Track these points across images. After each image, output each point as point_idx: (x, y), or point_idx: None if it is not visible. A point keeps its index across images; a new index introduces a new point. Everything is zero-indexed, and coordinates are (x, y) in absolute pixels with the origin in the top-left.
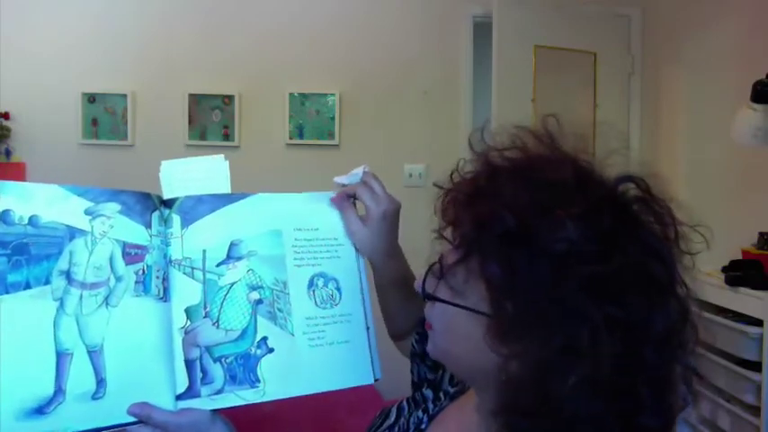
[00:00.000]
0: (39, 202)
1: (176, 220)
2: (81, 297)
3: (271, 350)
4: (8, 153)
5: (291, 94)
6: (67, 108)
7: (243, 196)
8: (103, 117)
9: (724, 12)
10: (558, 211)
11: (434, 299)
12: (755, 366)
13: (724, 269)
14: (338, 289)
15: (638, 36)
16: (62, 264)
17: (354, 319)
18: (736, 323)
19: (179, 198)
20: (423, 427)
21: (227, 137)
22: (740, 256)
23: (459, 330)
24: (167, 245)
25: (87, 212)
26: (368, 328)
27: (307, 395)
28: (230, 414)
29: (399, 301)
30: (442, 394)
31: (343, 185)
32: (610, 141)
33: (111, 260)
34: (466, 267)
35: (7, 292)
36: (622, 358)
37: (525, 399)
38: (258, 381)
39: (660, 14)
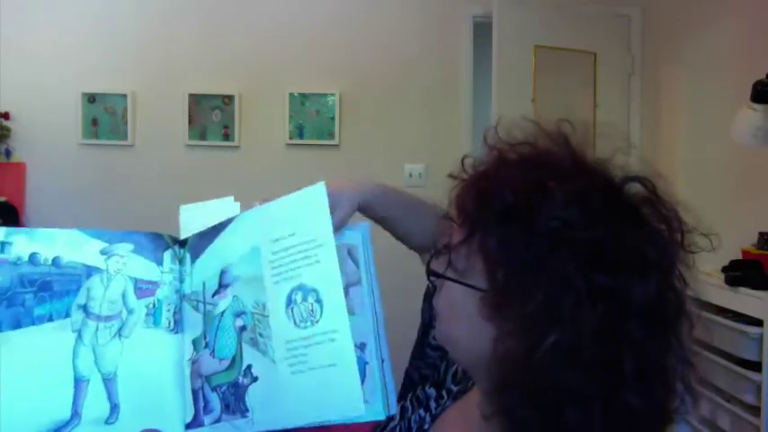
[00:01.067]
0: (60, 245)
1: (188, 257)
2: (97, 328)
3: (255, 379)
4: (8, 153)
5: (291, 94)
6: (67, 108)
7: (230, 220)
8: (103, 117)
9: (724, 12)
10: (553, 186)
11: (435, 274)
12: (755, 366)
13: (724, 269)
14: (318, 302)
15: (638, 36)
16: (80, 299)
17: (341, 337)
18: (737, 323)
19: (190, 237)
20: (426, 427)
21: (227, 137)
22: (740, 256)
23: (459, 310)
24: (182, 281)
25: (103, 252)
26: (382, 360)
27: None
28: None
29: (404, 223)
30: (444, 392)
31: None
32: (613, 141)
33: (123, 295)
34: (468, 247)
35: (33, 324)
36: (605, 328)
37: (513, 373)
38: (247, 410)
39: (660, 14)
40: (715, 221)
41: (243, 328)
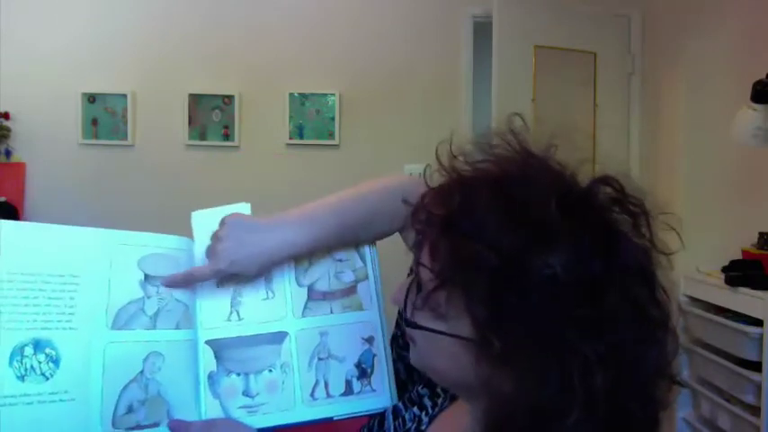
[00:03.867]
0: None
1: None
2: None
3: None
4: (8, 153)
5: (291, 94)
6: (67, 108)
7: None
8: (103, 117)
9: (724, 12)
10: (545, 247)
11: (418, 327)
12: (755, 366)
13: (724, 269)
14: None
15: (638, 36)
16: None
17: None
18: (737, 323)
19: None
20: (423, 427)
21: (227, 137)
22: (740, 256)
23: (444, 351)
24: None
25: None
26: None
27: None
28: None
29: (366, 235)
30: (440, 390)
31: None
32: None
33: None
34: (447, 293)
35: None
36: (614, 388)
37: (519, 422)
38: None
39: (660, 15)
40: (715, 221)
41: None
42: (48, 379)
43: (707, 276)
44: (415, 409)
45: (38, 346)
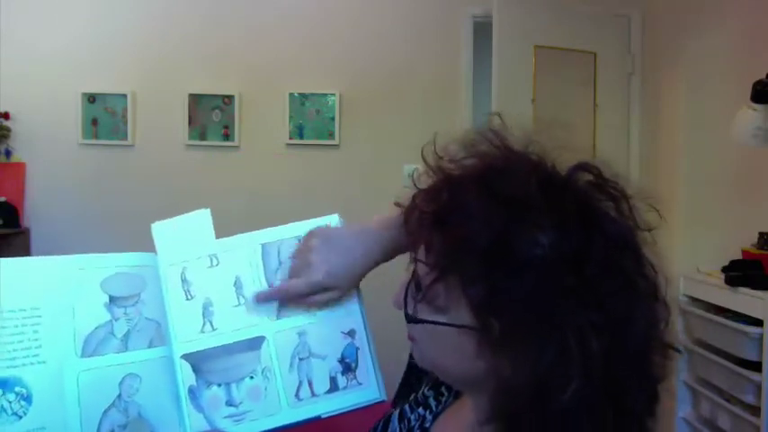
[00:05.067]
0: None
1: None
2: None
3: None
4: (8, 153)
5: (291, 94)
6: (67, 108)
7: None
8: (103, 117)
9: (724, 12)
10: (531, 224)
11: (419, 321)
12: (755, 366)
13: (724, 269)
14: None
15: (638, 36)
16: None
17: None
18: (737, 323)
19: None
20: (427, 425)
21: (227, 137)
22: (740, 256)
23: (446, 344)
24: None
25: None
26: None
27: None
28: None
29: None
30: (444, 389)
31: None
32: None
33: None
34: (445, 283)
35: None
36: (610, 354)
37: (521, 400)
38: None
39: (660, 15)
40: (715, 221)
41: None
42: (21, 418)
43: (707, 276)
44: (420, 409)
45: (6, 385)
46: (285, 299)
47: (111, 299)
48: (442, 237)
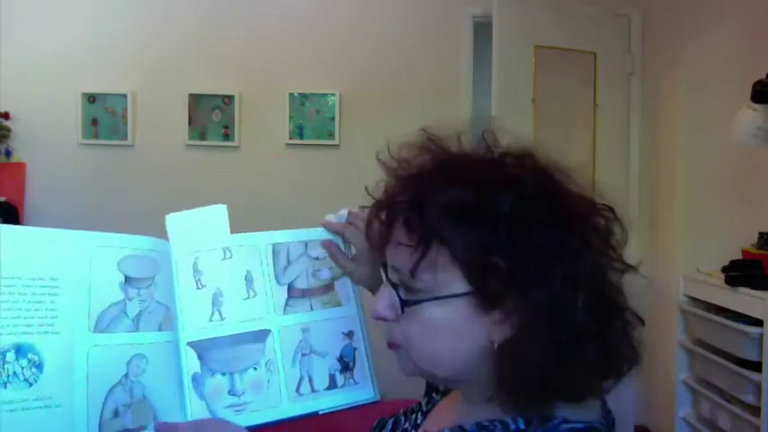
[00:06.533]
0: None
1: None
2: None
3: None
4: (8, 153)
5: (291, 94)
6: (67, 108)
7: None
8: (103, 117)
9: (724, 12)
10: (492, 189)
11: (416, 302)
12: (755, 366)
13: (724, 269)
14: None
15: (638, 36)
16: None
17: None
18: (737, 323)
19: None
20: (419, 421)
21: (227, 137)
22: (740, 256)
23: (441, 327)
24: None
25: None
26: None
27: None
28: None
29: None
30: (434, 394)
31: (332, 223)
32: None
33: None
34: (429, 264)
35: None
36: (595, 276)
37: (530, 348)
38: None
39: (660, 15)
40: (715, 221)
41: None
42: (31, 385)
43: (707, 276)
44: (413, 415)
45: (20, 351)
46: None
47: (127, 279)
48: (421, 214)
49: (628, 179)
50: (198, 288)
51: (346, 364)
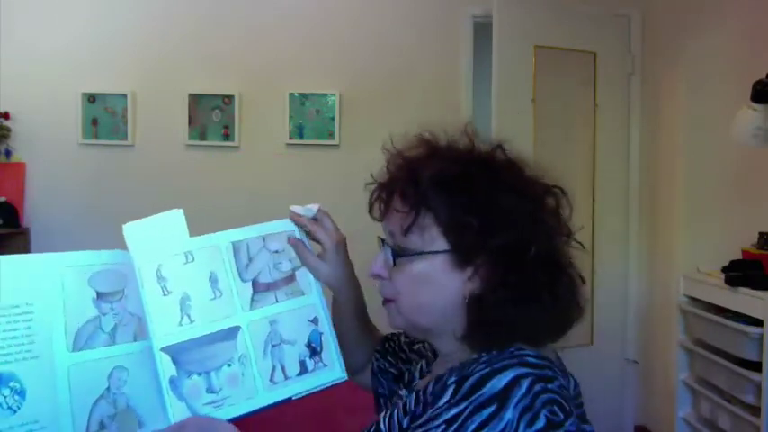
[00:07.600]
0: None
1: None
2: None
3: None
4: (8, 153)
5: (291, 94)
6: (67, 108)
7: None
8: (103, 117)
9: (724, 12)
10: (478, 159)
11: (412, 254)
12: (755, 366)
13: (724, 269)
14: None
15: (638, 36)
16: None
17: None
18: (737, 323)
19: None
20: (405, 401)
21: (227, 137)
22: (740, 256)
23: (426, 278)
24: None
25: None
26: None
27: None
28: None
29: (358, 332)
30: (414, 384)
31: (299, 215)
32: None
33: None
34: (419, 227)
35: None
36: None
37: (492, 296)
38: None
39: (660, 15)
40: (715, 221)
41: None
42: (15, 412)
43: (707, 276)
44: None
45: (1, 380)
46: None
47: (99, 294)
48: (415, 187)
49: (628, 179)
50: (164, 294)
51: (314, 349)
